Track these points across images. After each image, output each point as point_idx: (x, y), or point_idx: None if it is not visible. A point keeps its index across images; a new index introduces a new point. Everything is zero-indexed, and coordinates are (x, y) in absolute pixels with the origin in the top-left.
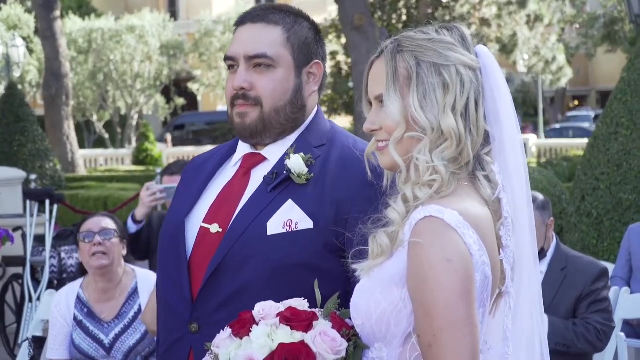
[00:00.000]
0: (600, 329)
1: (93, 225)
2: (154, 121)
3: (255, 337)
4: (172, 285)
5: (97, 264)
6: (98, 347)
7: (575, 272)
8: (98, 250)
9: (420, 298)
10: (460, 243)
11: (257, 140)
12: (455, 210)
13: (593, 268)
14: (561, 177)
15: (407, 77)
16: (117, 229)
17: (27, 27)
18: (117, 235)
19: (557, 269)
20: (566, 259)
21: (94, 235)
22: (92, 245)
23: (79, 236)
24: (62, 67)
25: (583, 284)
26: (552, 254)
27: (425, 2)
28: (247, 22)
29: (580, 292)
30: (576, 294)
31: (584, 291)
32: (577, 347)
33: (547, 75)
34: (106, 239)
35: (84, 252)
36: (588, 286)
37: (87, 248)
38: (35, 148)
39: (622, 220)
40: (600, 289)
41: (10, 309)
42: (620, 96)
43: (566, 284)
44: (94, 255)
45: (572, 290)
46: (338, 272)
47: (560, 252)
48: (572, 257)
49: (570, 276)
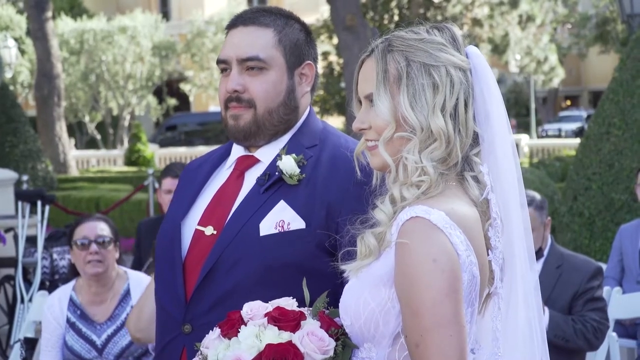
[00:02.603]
0: (597, 327)
1: (88, 231)
2: (146, 122)
3: (243, 338)
4: (167, 288)
5: (92, 272)
6: (90, 348)
7: (571, 270)
8: (94, 258)
9: (407, 298)
10: (446, 243)
11: (251, 142)
12: (442, 211)
13: (588, 266)
14: (553, 177)
15: (397, 76)
16: (111, 234)
17: (19, 27)
18: (112, 241)
19: (553, 267)
20: (561, 257)
21: (89, 243)
22: (87, 253)
23: (73, 240)
24: (54, 68)
25: (579, 282)
26: (547, 252)
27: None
28: (238, 25)
29: (576, 290)
30: (572, 292)
31: (580, 289)
32: (575, 343)
33: (539, 75)
34: (101, 246)
35: (78, 258)
36: (584, 284)
37: (83, 255)
38: (27, 149)
39: (614, 220)
40: (595, 287)
41: (2, 310)
42: (612, 96)
43: (562, 282)
44: (89, 263)
45: (568, 288)
46: (331, 272)
47: (555, 250)
48: (567, 256)
49: (565, 274)
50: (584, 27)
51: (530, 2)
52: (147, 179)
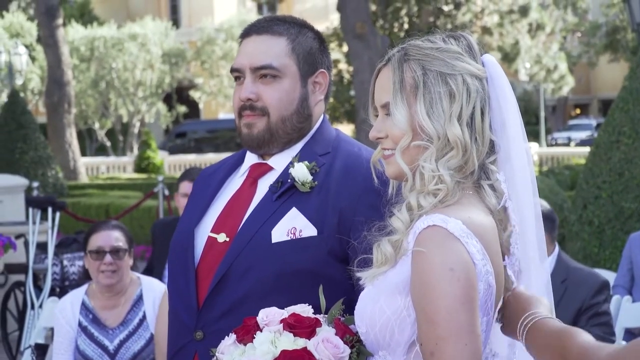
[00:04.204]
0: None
1: (104, 242)
2: (155, 129)
3: (259, 344)
4: (180, 294)
5: (106, 283)
6: (102, 353)
7: (576, 285)
8: (108, 269)
9: (423, 306)
10: (463, 252)
11: (265, 150)
12: (459, 219)
13: (594, 281)
14: (563, 186)
15: (414, 85)
16: (126, 244)
17: (29, 35)
18: (127, 251)
19: (558, 281)
20: (567, 271)
21: (105, 254)
22: (101, 264)
23: (88, 249)
24: (64, 75)
25: (583, 297)
26: (554, 265)
27: (427, 10)
28: (252, 33)
29: (580, 305)
30: (576, 307)
31: (584, 304)
32: None
33: (549, 83)
34: (117, 258)
35: (92, 266)
36: (588, 300)
37: (97, 265)
38: (37, 155)
39: (624, 229)
40: (600, 303)
41: (12, 316)
42: (622, 105)
43: (566, 297)
44: (102, 272)
45: (572, 303)
46: (342, 279)
47: (561, 263)
48: (573, 269)
49: (570, 289)
50: (594, 35)
51: (540, 11)
52: (157, 186)
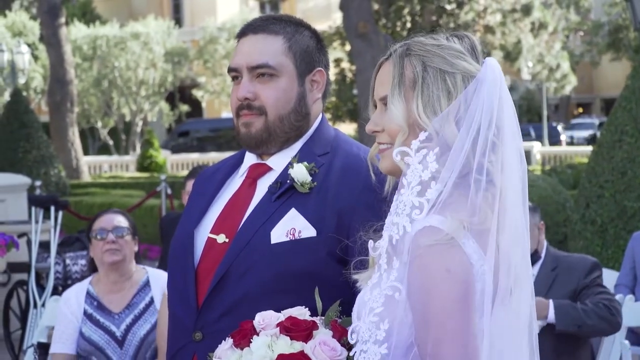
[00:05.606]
0: (608, 304)
1: (106, 223)
2: (158, 128)
3: (255, 348)
4: (179, 295)
5: (110, 260)
6: (110, 339)
7: (567, 270)
8: (111, 247)
9: (420, 308)
10: (459, 253)
11: (263, 150)
12: (455, 220)
13: (584, 263)
14: (565, 185)
15: (413, 80)
16: (129, 226)
17: (32, 34)
18: (130, 232)
19: (548, 270)
20: (556, 260)
21: (107, 233)
22: (105, 243)
23: (91, 233)
24: (66, 74)
25: (577, 280)
26: (544, 256)
27: (429, 9)
28: (248, 33)
29: (574, 288)
30: (570, 290)
31: (578, 286)
32: (589, 325)
33: (552, 82)
34: (119, 236)
35: (96, 248)
36: (582, 280)
37: (100, 245)
38: (40, 154)
39: (627, 228)
40: (595, 279)
41: (15, 315)
42: (625, 104)
43: (558, 283)
44: (106, 252)
45: (565, 287)
46: (342, 280)
47: (550, 254)
48: (562, 257)
49: (561, 275)
50: (597, 34)
51: (543, 10)
52: (160, 184)
